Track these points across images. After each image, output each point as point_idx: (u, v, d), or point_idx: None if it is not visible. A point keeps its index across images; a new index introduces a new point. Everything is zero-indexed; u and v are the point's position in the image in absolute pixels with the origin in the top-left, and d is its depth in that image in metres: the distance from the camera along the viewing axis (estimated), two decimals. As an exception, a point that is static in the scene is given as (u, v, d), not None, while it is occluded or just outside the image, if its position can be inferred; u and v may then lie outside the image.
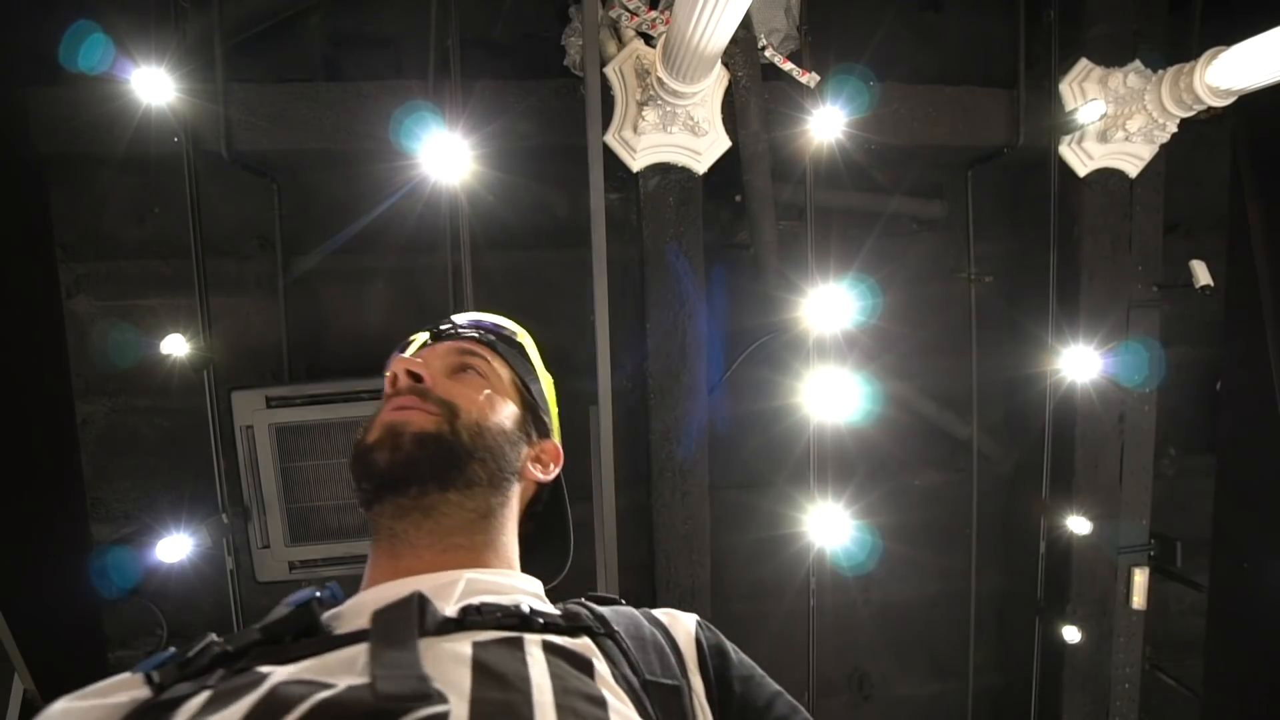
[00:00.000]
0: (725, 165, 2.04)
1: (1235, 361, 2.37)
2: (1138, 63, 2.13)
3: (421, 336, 0.82)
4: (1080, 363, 2.20)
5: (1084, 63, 2.16)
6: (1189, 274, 2.18)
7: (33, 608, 1.76)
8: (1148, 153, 2.19)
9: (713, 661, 0.60)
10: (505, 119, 1.99)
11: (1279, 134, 2.13)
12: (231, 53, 1.92)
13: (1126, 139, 2.13)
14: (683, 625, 0.63)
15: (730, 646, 0.64)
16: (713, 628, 0.65)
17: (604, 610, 0.61)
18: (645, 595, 2.19)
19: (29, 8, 1.92)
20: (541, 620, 0.54)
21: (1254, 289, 2.17)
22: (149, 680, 0.48)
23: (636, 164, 1.98)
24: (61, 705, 0.46)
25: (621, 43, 1.94)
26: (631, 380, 2.22)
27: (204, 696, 0.43)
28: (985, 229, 2.45)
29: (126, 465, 2.28)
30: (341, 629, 0.52)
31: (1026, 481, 2.51)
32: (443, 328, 0.81)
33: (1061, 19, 2.17)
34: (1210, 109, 1.94)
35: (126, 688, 0.48)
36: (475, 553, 0.64)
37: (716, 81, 1.93)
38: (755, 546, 2.54)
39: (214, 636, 0.53)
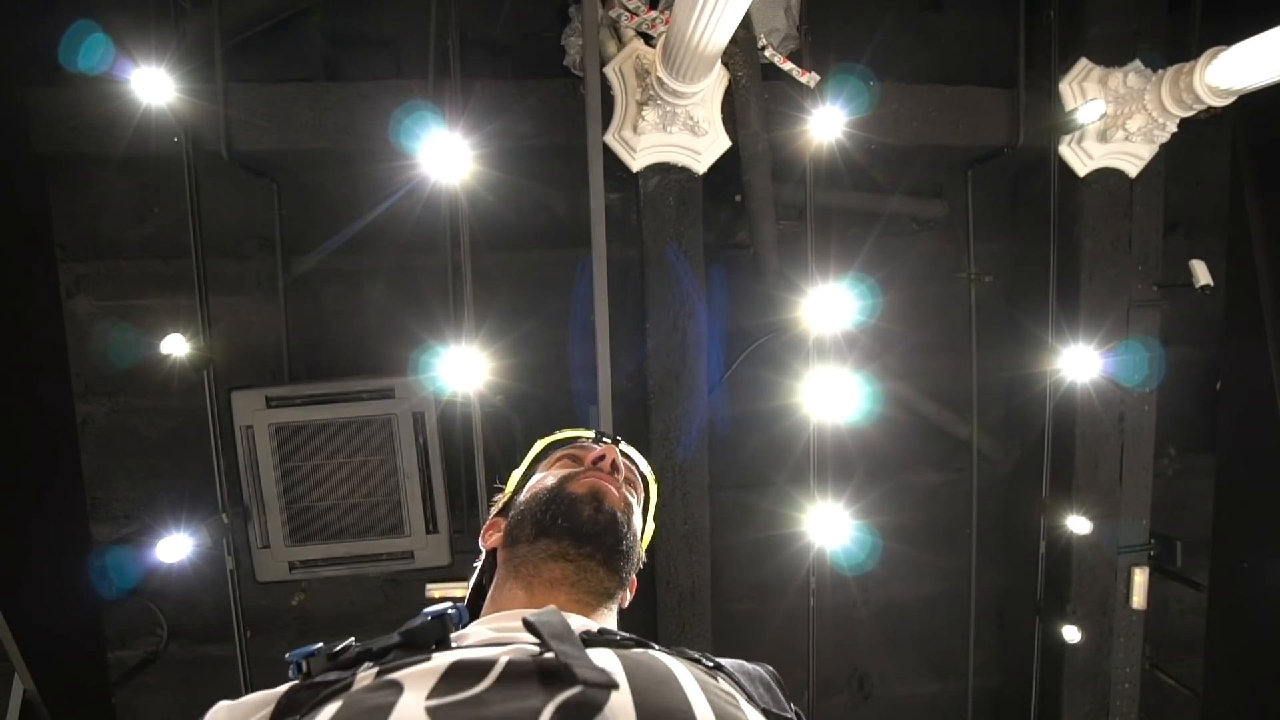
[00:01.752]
0: (725, 165, 2.04)
1: (1235, 361, 2.37)
2: (1138, 62, 2.13)
3: (587, 433, 0.95)
4: (1080, 362, 2.20)
5: (1084, 62, 2.16)
6: (1189, 274, 2.18)
7: (33, 608, 1.76)
8: (1148, 152, 2.19)
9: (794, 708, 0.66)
10: (505, 119, 1.99)
11: (1279, 134, 2.13)
12: (231, 53, 1.93)
13: (1126, 139, 2.13)
14: (770, 670, 0.68)
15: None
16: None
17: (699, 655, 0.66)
18: (645, 595, 2.19)
19: (29, 8, 1.92)
20: (657, 647, 0.59)
21: (1254, 289, 2.16)
22: (299, 669, 0.53)
23: (636, 164, 1.98)
24: (220, 707, 0.53)
25: (621, 43, 1.94)
26: (631, 380, 2.22)
27: (372, 670, 0.48)
28: (985, 229, 2.45)
29: (126, 465, 2.29)
30: (466, 642, 0.57)
31: (1026, 481, 2.51)
32: (606, 437, 0.94)
33: (1061, 19, 2.17)
34: (1210, 109, 1.94)
35: (277, 692, 0.53)
36: (595, 610, 0.72)
37: (716, 81, 1.93)
38: (755, 546, 2.54)
39: (354, 640, 0.57)
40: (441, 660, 0.47)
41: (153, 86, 1.74)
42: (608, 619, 0.74)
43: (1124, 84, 2.09)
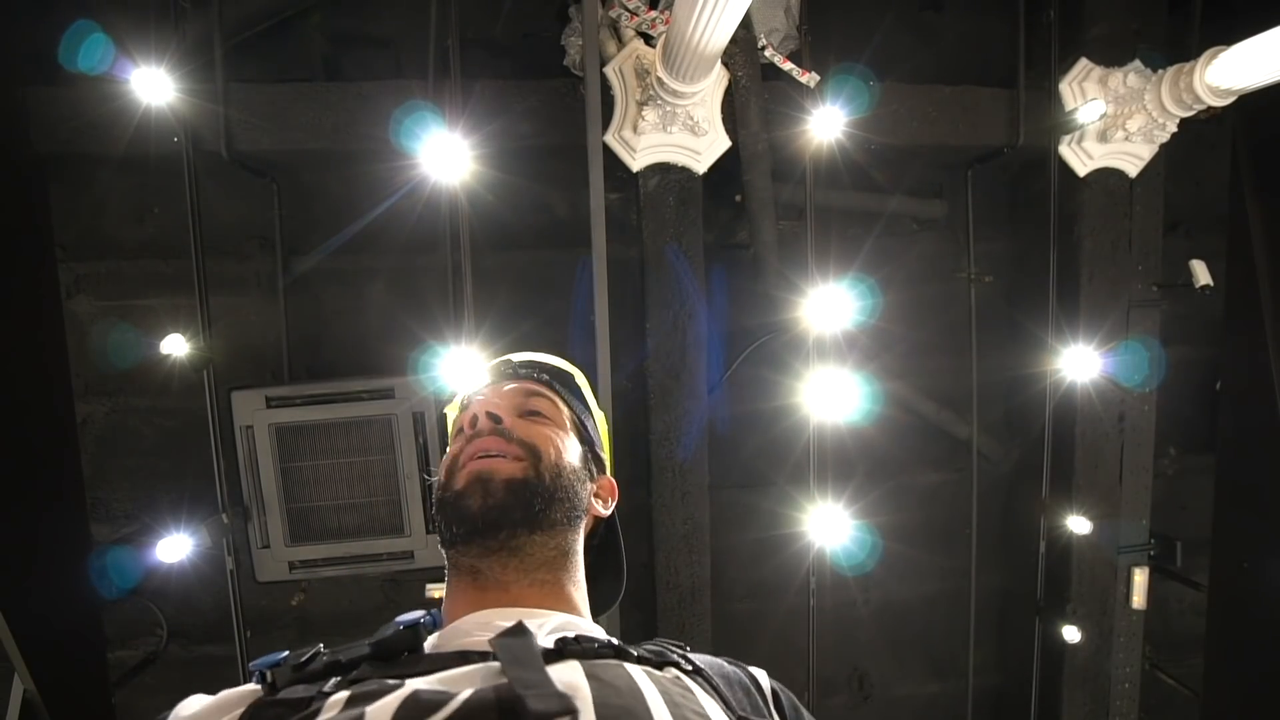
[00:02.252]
0: (725, 165, 2.04)
1: (1235, 361, 2.37)
2: (1138, 62, 2.13)
3: (478, 378, 0.87)
4: (1080, 362, 2.20)
5: (1084, 62, 2.16)
6: (1189, 274, 2.18)
7: (33, 608, 1.76)
8: (1148, 152, 2.19)
9: (789, 713, 0.64)
10: (505, 119, 1.99)
11: (1279, 134, 2.13)
12: (231, 53, 1.92)
13: (1126, 139, 2.13)
14: (758, 672, 0.66)
15: (799, 703, 0.66)
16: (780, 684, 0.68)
17: (685, 650, 0.63)
18: (645, 595, 2.19)
19: (29, 8, 1.92)
20: (634, 652, 0.57)
21: (1254, 289, 2.16)
22: (262, 679, 0.52)
23: (636, 164, 1.98)
24: (191, 700, 0.52)
25: (621, 43, 1.94)
26: (631, 380, 2.22)
27: (343, 695, 0.46)
28: (985, 229, 2.45)
29: (126, 465, 2.29)
30: (441, 651, 0.56)
31: (1026, 481, 2.51)
32: (503, 370, 0.86)
33: (1061, 19, 2.17)
34: (1210, 109, 1.94)
35: (245, 695, 0.52)
36: (559, 588, 0.68)
37: (716, 81, 1.93)
38: (755, 546, 2.54)
39: (322, 647, 0.56)
40: (399, 694, 0.45)
41: (153, 86, 1.74)
42: (580, 568, 0.72)
43: (1124, 84, 2.10)
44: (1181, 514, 2.67)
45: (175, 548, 1.93)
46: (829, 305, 2.01)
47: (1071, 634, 2.33)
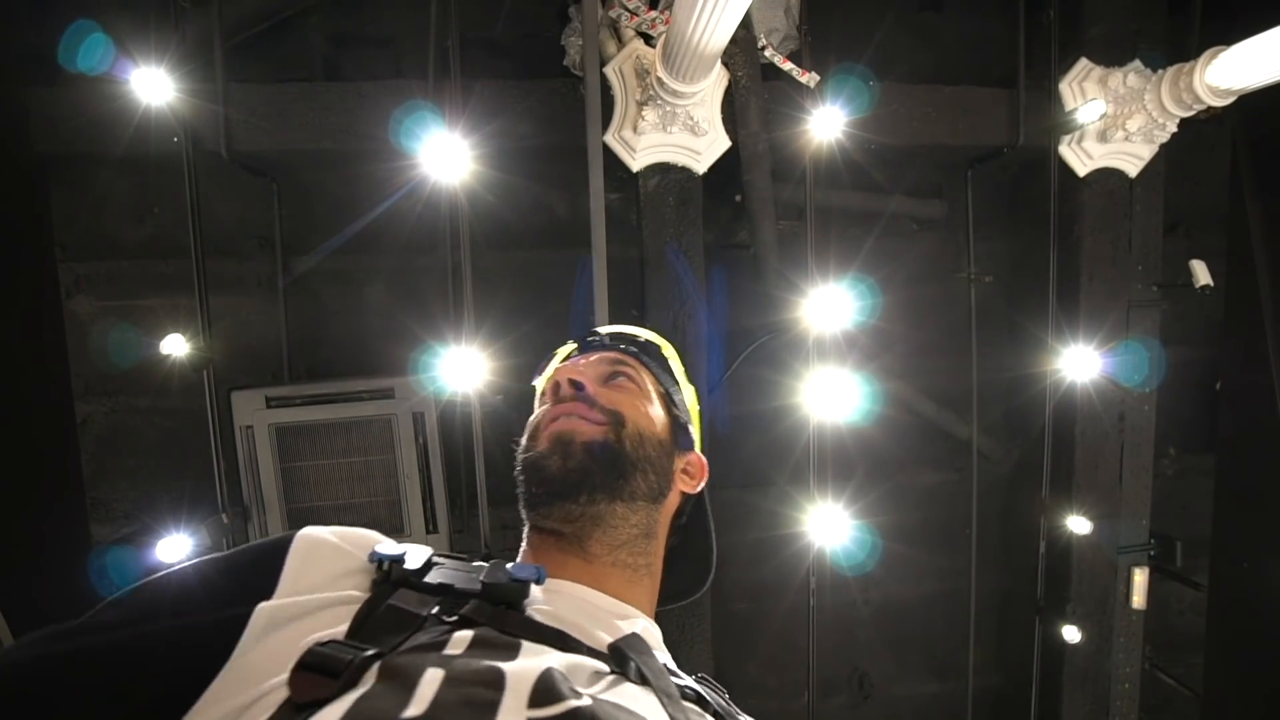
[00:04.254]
0: (725, 165, 2.04)
1: (1235, 361, 2.37)
2: (1137, 62, 2.13)
3: (567, 348, 0.86)
4: (1080, 363, 2.20)
5: (1084, 62, 2.16)
6: (1189, 274, 2.18)
7: (33, 608, 1.76)
8: (1147, 152, 2.19)
9: None
10: (505, 119, 1.99)
11: (1279, 134, 2.13)
12: (231, 53, 1.92)
13: (1126, 139, 2.13)
14: None
15: None
16: None
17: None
18: (645, 595, 2.19)
19: (29, 8, 1.92)
20: (703, 695, 0.56)
21: (1254, 289, 2.16)
22: (379, 565, 0.55)
23: (636, 164, 1.98)
24: (316, 531, 0.57)
25: (621, 43, 1.94)
26: (631, 380, 2.22)
27: (467, 635, 0.47)
28: (985, 229, 2.45)
29: (126, 465, 2.29)
30: (534, 611, 0.56)
31: (1026, 481, 2.51)
32: (590, 339, 0.85)
33: (1061, 19, 2.17)
34: (1210, 109, 1.94)
35: (362, 567, 0.55)
36: (637, 579, 0.67)
37: (716, 81, 1.93)
38: (755, 546, 2.54)
39: (434, 555, 0.58)
40: (534, 664, 0.45)
41: (153, 86, 1.74)
42: (659, 557, 0.70)
43: (1124, 84, 2.09)
44: (1181, 514, 2.67)
45: (175, 548, 1.93)
46: (829, 305, 2.01)
47: (1071, 634, 2.33)
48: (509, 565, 0.57)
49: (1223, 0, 2.12)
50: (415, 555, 0.56)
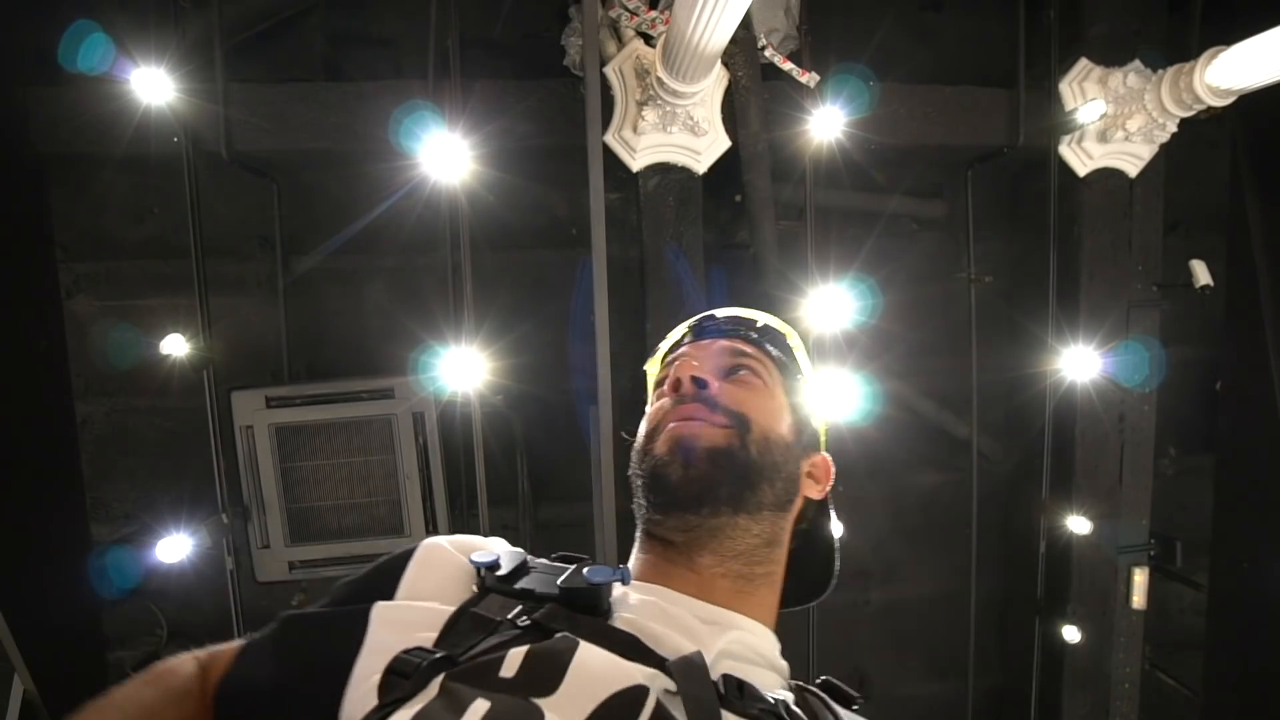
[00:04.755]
0: (725, 165, 2.04)
1: (1235, 361, 2.37)
2: (1138, 62, 2.13)
3: (679, 332, 0.79)
4: (1080, 363, 2.20)
5: (1084, 62, 2.16)
6: (1189, 274, 2.18)
7: (33, 608, 1.76)
8: (1148, 152, 2.19)
9: None
10: (505, 119, 1.99)
11: (1279, 134, 2.13)
12: (231, 53, 1.92)
13: (1126, 139, 2.13)
14: None
15: None
16: None
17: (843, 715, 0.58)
18: (645, 595, 2.19)
19: (29, 8, 1.92)
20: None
21: (1254, 289, 2.16)
22: (478, 570, 0.59)
23: (636, 164, 1.98)
24: (443, 538, 0.63)
25: (621, 42, 1.94)
26: (631, 380, 2.22)
27: (521, 651, 0.48)
28: (985, 229, 2.45)
29: (126, 465, 2.28)
30: (618, 616, 0.56)
31: (1026, 481, 2.51)
32: (706, 324, 0.78)
33: (1061, 19, 2.17)
34: (1210, 109, 1.94)
35: (469, 575, 0.59)
36: (751, 587, 0.63)
37: (716, 81, 1.93)
38: (755, 546, 2.53)
39: (529, 558, 0.61)
40: (596, 692, 0.46)
41: (153, 86, 1.74)
42: (780, 563, 0.66)
43: (1124, 84, 2.09)
44: (1181, 514, 2.67)
45: (175, 548, 1.93)
46: (829, 305, 2.01)
47: (1071, 634, 2.33)
48: (587, 570, 0.56)
49: (1223, 0, 2.12)
50: (508, 560, 0.59)
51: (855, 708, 0.58)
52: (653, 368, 0.82)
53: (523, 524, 2.33)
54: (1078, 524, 2.28)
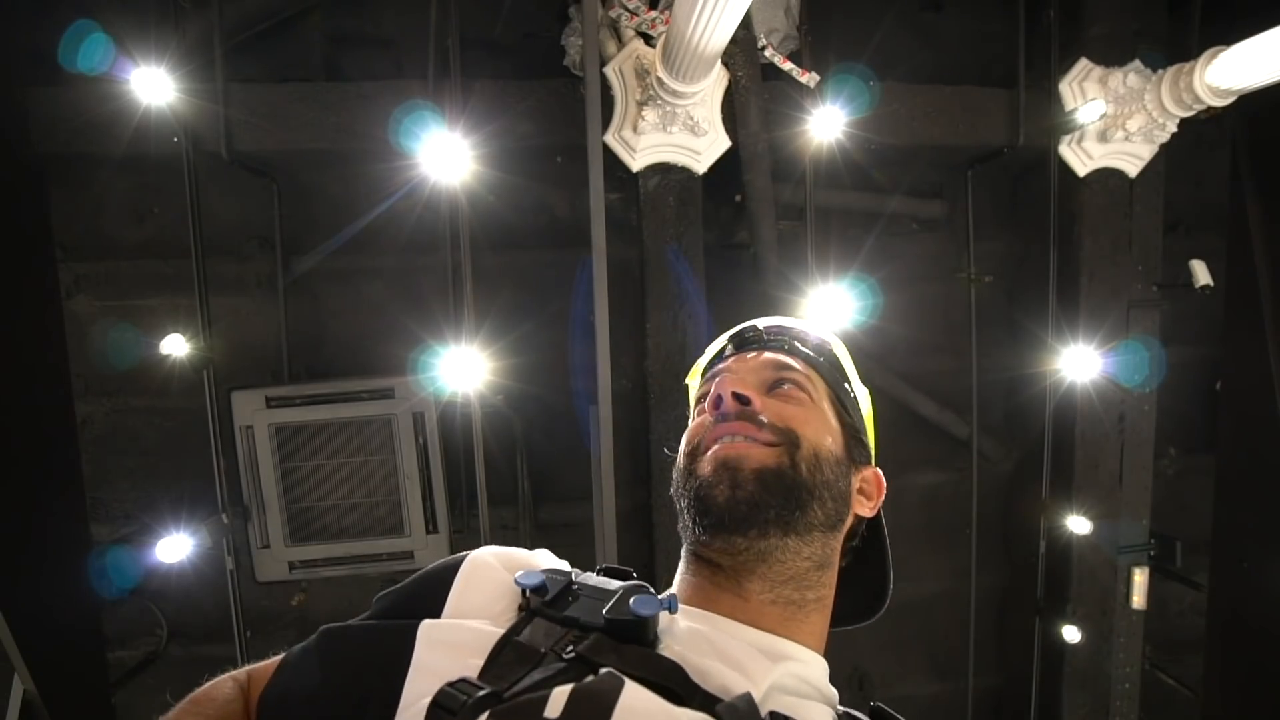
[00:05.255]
0: (725, 165, 2.04)
1: (1235, 361, 2.37)
2: (1138, 63, 2.13)
3: (720, 343, 0.76)
4: (1080, 363, 2.20)
5: (1084, 62, 2.16)
6: (1189, 274, 2.18)
7: (33, 608, 1.76)
8: (1148, 152, 2.19)
9: None
10: (505, 119, 1.99)
11: (1279, 134, 2.13)
12: (231, 53, 1.92)
13: (1126, 139, 2.13)
14: None
15: None
16: None
17: None
18: (645, 595, 2.18)
19: (29, 8, 1.92)
20: None
21: (1254, 289, 2.16)
22: (524, 592, 0.57)
23: (636, 164, 1.98)
24: (487, 555, 0.62)
25: (621, 43, 1.94)
26: (631, 380, 2.22)
27: (566, 690, 0.47)
28: (985, 229, 2.45)
29: (126, 465, 2.28)
30: (666, 645, 0.54)
31: (1026, 481, 2.51)
32: (748, 335, 0.74)
33: (1061, 19, 2.17)
34: (1210, 109, 1.94)
35: (514, 597, 0.58)
36: (802, 613, 0.60)
37: (716, 81, 1.93)
38: (755, 546, 2.53)
39: (575, 579, 0.60)
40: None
41: (153, 86, 1.74)
42: (831, 587, 0.64)
43: (1124, 84, 2.09)
44: (1181, 514, 2.67)
45: (175, 548, 1.93)
46: (829, 305, 2.01)
47: (1071, 634, 2.33)
48: (634, 600, 0.54)
49: (1223, 0, 2.12)
50: (555, 581, 0.58)
51: None
52: (693, 380, 0.79)
53: (523, 524, 2.33)
54: (1078, 524, 2.28)
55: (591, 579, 0.60)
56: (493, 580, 0.60)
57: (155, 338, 1.90)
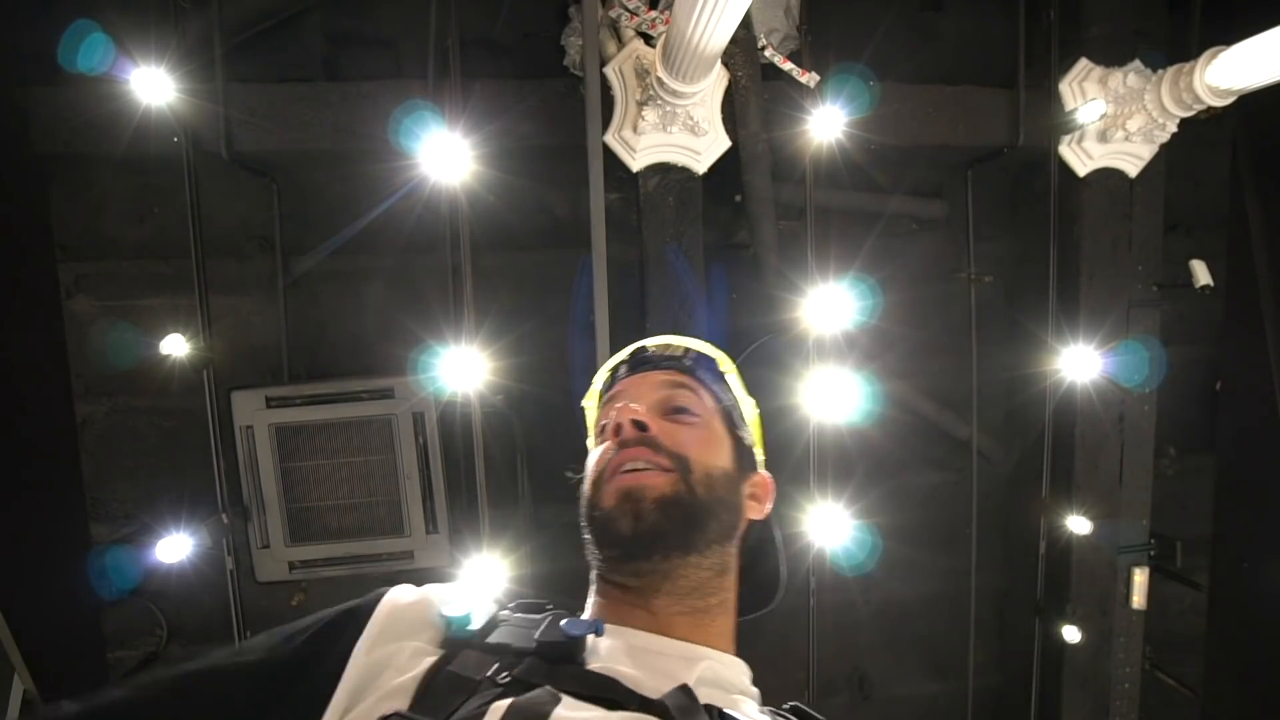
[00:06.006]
0: (725, 165, 2.04)
1: (1235, 361, 2.37)
2: (1138, 62, 2.13)
3: (614, 361, 0.82)
4: (1080, 363, 2.20)
5: (1084, 62, 2.16)
6: (1189, 274, 2.18)
7: (33, 608, 1.76)
8: (1148, 152, 2.19)
9: None
10: (505, 119, 1.99)
11: (1279, 134, 2.13)
12: (231, 53, 1.92)
13: (1126, 139, 2.13)
14: None
15: None
16: None
17: None
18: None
19: (29, 8, 1.92)
20: None
21: (1254, 289, 2.16)
22: (448, 624, 0.58)
23: (636, 164, 1.98)
24: (402, 592, 0.62)
25: (621, 42, 1.94)
26: (631, 380, 2.22)
27: (504, 705, 0.48)
28: (985, 229, 2.45)
29: (126, 465, 2.28)
30: (591, 663, 0.57)
31: (1026, 481, 2.51)
32: (639, 357, 0.80)
33: (1061, 19, 2.17)
34: (1210, 109, 1.94)
35: (433, 627, 0.59)
36: (709, 618, 0.65)
37: (716, 81, 1.93)
38: (755, 546, 2.53)
39: (499, 610, 0.60)
40: None
41: (153, 86, 1.74)
42: (733, 588, 0.69)
43: (1124, 84, 2.09)
44: (1181, 514, 2.66)
45: (175, 548, 1.93)
46: (829, 305, 2.01)
47: (1071, 634, 2.33)
48: (564, 622, 0.58)
49: (1223, 0, 2.12)
50: (480, 613, 0.59)
51: None
52: (590, 402, 0.84)
53: (523, 524, 2.33)
54: (1078, 524, 2.28)
55: (512, 611, 0.63)
56: (413, 614, 0.60)
57: (155, 338, 1.90)
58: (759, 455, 0.80)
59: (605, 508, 0.64)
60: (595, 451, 0.71)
